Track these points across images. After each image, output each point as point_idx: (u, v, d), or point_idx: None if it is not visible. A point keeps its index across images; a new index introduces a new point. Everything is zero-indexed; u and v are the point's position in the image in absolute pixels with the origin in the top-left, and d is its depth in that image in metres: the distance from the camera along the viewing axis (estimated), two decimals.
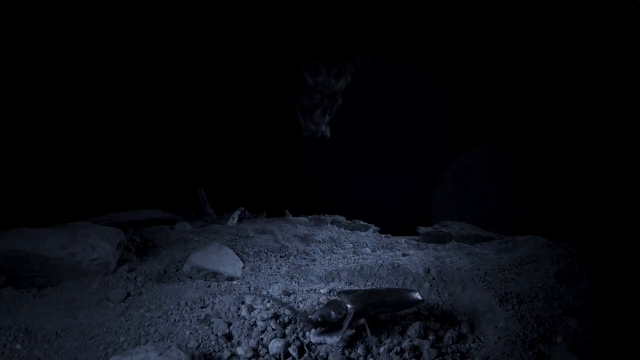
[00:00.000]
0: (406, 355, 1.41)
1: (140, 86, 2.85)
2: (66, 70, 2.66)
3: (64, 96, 2.71)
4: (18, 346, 1.41)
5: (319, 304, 1.67)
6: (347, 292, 1.53)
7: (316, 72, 3.22)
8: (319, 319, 1.44)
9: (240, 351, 1.39)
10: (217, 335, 1.47)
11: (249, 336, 1.48)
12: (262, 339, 1.45)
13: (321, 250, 2.36)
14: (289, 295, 1.76)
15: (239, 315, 1.60)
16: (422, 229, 2.80)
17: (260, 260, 2.19)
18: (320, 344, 1.44)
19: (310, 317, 1.45)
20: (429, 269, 2.02)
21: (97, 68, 2.75)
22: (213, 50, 2.94)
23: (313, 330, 1.47)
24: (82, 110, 2.78)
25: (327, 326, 1.45)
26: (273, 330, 1.49)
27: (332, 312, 1.44)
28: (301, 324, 1.49)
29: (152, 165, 3.08)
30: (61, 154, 2.75)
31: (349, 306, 1.45)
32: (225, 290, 1.82)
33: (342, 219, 3.04)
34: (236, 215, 3.02)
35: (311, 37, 2.94)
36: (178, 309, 1.63)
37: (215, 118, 3.24)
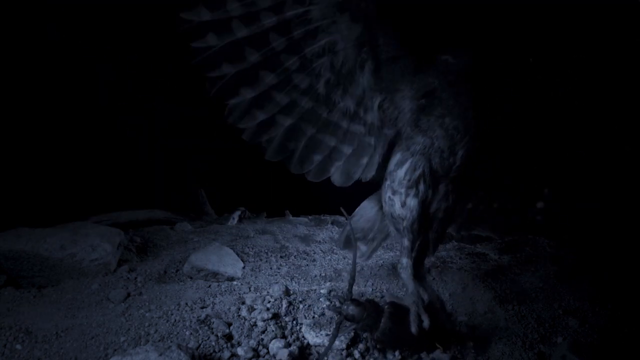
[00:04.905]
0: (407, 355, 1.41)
1: (140, 85, 2.85)
2: (65, 68, 2.66)
3: (63, 95, 2.71)
4: (18, 346, 1.41)
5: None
6: (394, 314, 1.39)
7: None
8: (354, 316, 1.37)
9: (240, 351, 1.39)
10: (217, 336, 1.47)
11: (249, 336, 1.48)
12: (262, 339, 1.45)
13: (321, 250, 2.37)
14: (289, 295, 1.76)
15: (239, 315, 1.60)
16: None
17: (260, 260, 2.19)
18: (320, 345, 1.44)
19: (349, 309, 1.38)
20: (430, 269, 2.02)
21: (96, 66, 2.75)
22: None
23: (312, 332, 1.48)
24: (82, 109, 2.78)
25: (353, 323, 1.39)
26: (273, 330, 1.49)
27: (366, 319, 1.37)
28: (337, 305, 1.41)
29: (151, 165, 3.07)
30: (61, 153, 2.75)
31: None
32: (225, 290, 1.82)
33: (342, 219, 3.04)
34: (236, 215, 3.02)
35: None
36: (178, 309, 1.63)
37: (215, 118, 3.24)
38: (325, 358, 1.37)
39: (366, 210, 1.63)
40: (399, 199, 1.45)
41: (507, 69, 1.44)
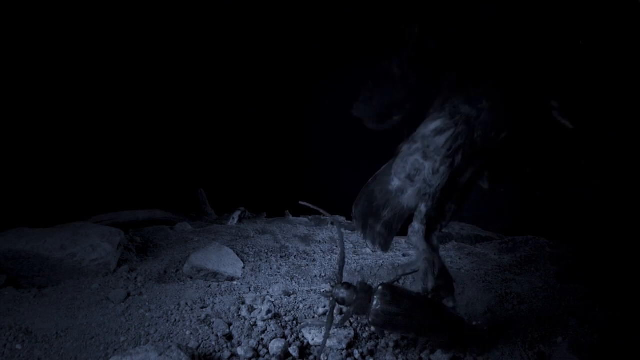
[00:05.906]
0: (407, 354, 1.41)
1: (140, 85, 2.85)
2: (65, 69, 2.66)
3: (63, 95, 2.71)
4: (18, 346, 1.41)
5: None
6: (386, 294, 1.35)
7: None
8: (344, 299, 1.35)
9: (240, 351, 1.39)
10: (217, 335, 1.47)
11: (249, 336, 1.48)
12: (262, 339, 1.45)
13: (321, 250, 2.37)
14: (289, 296, 1.76)
15: (239, 315, 1.60)
16: None
17: (260, 260, 2.19)
18: (320, 345, 1.44)
19: (339, 292, 1.36)
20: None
21: (96, 66, 2.75)
22: (212, 48, 2.94)
23: (312, 332, 1.48)
24: (82, 109, 2.79)
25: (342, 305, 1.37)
26: (273, 330, 1.49)
27: (357, 301, 1.35)
28: (330, 288, 1.40)
29: (151, 165, 3.08)
30: (61, 153, 2.75)
31: (371, 315, 1.35)
32: (225, 290, 1.82)
33: (342, 219, 3.03)
34: (236, 215, 3.02)
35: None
36: (178, 309, 1.63)
37: (215, 117, 3.25)
38: (324, 353, 1.37)
39: (379, 184, 1.58)
40: (431, 166, 1.42)
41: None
